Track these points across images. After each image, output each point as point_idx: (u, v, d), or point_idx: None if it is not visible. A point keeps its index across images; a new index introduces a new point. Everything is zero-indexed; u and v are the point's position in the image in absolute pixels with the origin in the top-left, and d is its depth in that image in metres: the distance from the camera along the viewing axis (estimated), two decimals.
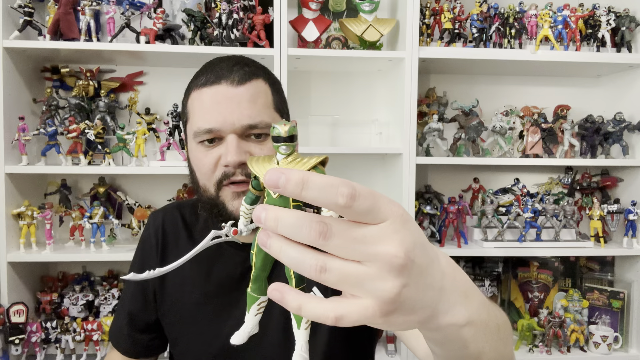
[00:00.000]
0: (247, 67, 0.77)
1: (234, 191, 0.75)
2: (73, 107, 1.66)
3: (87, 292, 1.64)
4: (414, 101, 1.63)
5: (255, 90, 0.76)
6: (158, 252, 0.89)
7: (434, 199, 1.78)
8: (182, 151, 1.65)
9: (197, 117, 0.76)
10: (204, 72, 0.77)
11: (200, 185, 0.79)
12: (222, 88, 0.74)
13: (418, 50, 1.62)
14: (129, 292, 0.93)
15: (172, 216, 0.92)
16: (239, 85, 0.74)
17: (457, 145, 1.77)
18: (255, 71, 0.78)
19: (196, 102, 0.77)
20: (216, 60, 0.80)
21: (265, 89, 0.78)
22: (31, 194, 1.65)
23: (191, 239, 0.89)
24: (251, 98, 0.75)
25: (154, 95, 1.81)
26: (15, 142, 1.53)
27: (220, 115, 0.73)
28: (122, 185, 1.82)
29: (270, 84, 0.80)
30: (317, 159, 0.38)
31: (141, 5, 1.66)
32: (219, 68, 0.76)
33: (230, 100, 0.74)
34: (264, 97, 0.77)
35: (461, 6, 1.75)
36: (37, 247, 1.57)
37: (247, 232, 0.44)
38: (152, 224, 0.92)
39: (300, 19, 1.73)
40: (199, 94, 0.76)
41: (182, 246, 0.88)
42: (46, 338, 1.52)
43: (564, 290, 1.85)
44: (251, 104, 0.74)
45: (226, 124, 0.73)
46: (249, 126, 0.74)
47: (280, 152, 0.38)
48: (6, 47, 1.49)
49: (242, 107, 0.74)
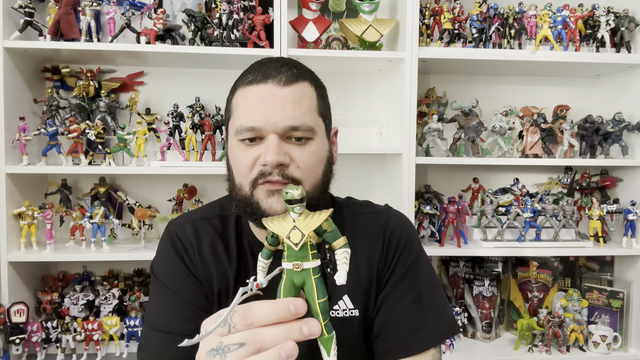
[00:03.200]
0: (294, 69, 0.77)
1: (268, 189, 0.73)
2: (73, 107, 1.66)
3: (87, 292, 1.64)
4: (413, 101, 1.63)
5: (301, 92, 0.75)
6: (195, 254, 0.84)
7: (433, 199, 1.78)
8: (182, 151, 1.65)
9: (241, 114, 0.75)
10: (252, 71, 0.77)
11: (236, 183, 0.77)
12: (268, 87, 0.74)
13: (418, 50, 1.63)
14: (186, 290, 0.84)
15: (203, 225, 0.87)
16: (286, 86, 0.74)
17: (456, 145, 1.78)
18: (303, 74, 0.78)
19: (241, 99, 0.76)
20: (265, 59, 0.80)
21: (311, 92, 0.78)
22: (32, 194, 1.65)
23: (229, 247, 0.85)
24: (296, 100, 0.74)
25: (154, 95, 1.82)
26: (16, 142, 1.54)
27: (264, 114, 0.72)
28: (122, 185, 1.83)
29: (316, 88, 0.80)
30: (326, 213, 0.47)
31: (141, 5, 1.67)
32: (267, 67, 0.76)
33: (276, 100, 0.73)
34: (308, 100, 0.76)
35: (461, 6, 1.75)
36: (38, 247, 1.57)
37: (266, 283, 0.48)
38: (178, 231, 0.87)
39: (300, 20, 1.73)
40: (245, 91, 0.76)
41: (223, 253, 0.84)
42: (47, 338, 1.52)
43: (564, 290, 1.85)
44: (295, 106, 0.74)
45: (269, 123, 0.72)
46: (291, 127, 0.73)
47: (294, 212, 0.47)
48: (7, 47, 1.49)
49: (287, 108, 0.73)
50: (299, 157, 0.73)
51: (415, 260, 0.85)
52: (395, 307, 0.81)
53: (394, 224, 0.87)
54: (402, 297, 0.82)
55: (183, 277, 0.83)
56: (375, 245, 0.85)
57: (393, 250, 0.84)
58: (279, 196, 0.71)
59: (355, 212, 0.90)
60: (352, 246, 0.83)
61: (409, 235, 0.87)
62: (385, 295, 0.83)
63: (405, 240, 0.86)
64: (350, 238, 0.81)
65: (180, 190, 1.79)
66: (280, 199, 0.71)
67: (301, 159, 0.73)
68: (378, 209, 0.92)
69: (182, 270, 0.83)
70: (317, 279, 0.47)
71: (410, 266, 0.84)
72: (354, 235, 0.84)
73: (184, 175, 1.81)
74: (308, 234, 0.46)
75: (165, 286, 0.83)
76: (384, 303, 0.83)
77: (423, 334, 0.79)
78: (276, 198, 0.72)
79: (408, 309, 0.81)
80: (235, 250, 0.84)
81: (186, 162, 1.65)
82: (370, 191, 1.91)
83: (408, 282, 0.83)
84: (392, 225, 0.86)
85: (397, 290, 0.82)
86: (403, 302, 0.82)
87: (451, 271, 1.91)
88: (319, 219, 0.46)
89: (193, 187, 1.81)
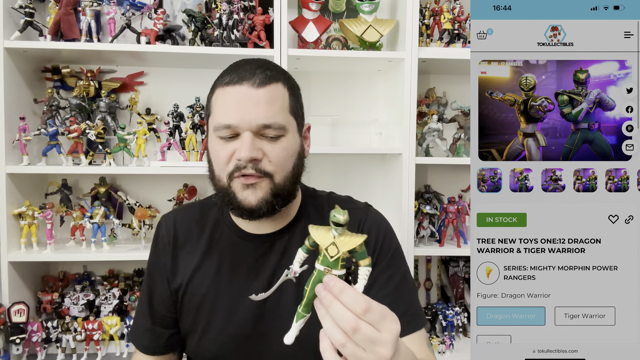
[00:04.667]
0: (268, 71, 0.82)
1: (243, 183, 0.80)
2: (74, 107, 1.66)
3: (87, 292, 1.64)
4: (413, 101, 1.63)
5: (273, 93, 0.81)
6: (170, 250, 0.94)
7: (433, 198, 1.78)
8: (183, 151, 1.66)
9: (219, 113, 0.82)
10: (229, 72, 0.83)
11: (215, 174, 0.85)
12: (243, 89, 0.80)
13: (418, 50, 1.63)
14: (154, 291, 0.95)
15: (183, 216, 0.97)
16: (259, 88, 0.80)
17: (456, 145, 1.78)
18: (276, 75, 0.83)
19: (219, 99, 0.83)
20: (241, 62, 0.86)
21: (284, 92, 0.83)
22: (32, 194, 1.66)
23: (202, 235, 0.94)
24: (269, 100, 0.80)
25: (154, 95, 1.82)
26: (16, 142, 1.54)
27: (239, 113, 0.79)
28: (122, 185, 1.83)
29: (289, 88, 0.85)
30: (362, 238, 0.55)
31: (142, 5, 1.67)
32: (242, 70, 0.82)
33: (250, 101, 0.79)
34: (281, 100, 0.82)
35: (461, 7, 1.76)
36: (38, 247, 1.57)
37: (300, 272, 0.60)
38: (164, 224, 0.97)
39: (300, 20, 1.73)
40: (223, 91, 0.82)
41: (195, 243, 0.93)
42: (47, 337, 1.53)
43: None
44: (268, 106, 0.80)
45: (243, 122, 0.79)
46: (264, 125, 0.79)
47: (336, 231, 0.55)
48: (7, 47, 1.49)
49: (260, 108, 0.79)
50: (271, 153, 0.80)
51: (395, 252, 0.91)
52: (379, 294, 0.84)
53: (371, 220, 0.93)
54: (385, 284, 0.86)
55: (155, 274, 0.95)
56: None
57: (372, 244, 0.89)
58: (253, 189, 0.80)
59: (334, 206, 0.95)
60: None
61: (387, 230, 0.93)
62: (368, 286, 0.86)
63: (384, 234, 0.91)
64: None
65: (181, 190, 1.79)
66: (255, 192, 0.80)
67: (273, 154, 0.80)
68: (357, 206, 0.97)
69: (156, 266, 0.95)
70: None
71: (391, 257, 0.89)
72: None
73: (184, 175, 1.81)
74: (342, 252, 0.55)
75: (145, 281, 0.97)
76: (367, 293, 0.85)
77: (408, 317, 0.83)
78: (250, 191, 0.80)
79: (392, 294, 0.85)
80: (207, 235, 0.93)
81: (186, 162, 1.65)
82: (370, 191, 1.91)
83: (390, 271, 0.88)
84: (370, 222, 0.92)
85: (380, 279, 0.87)
86: (387, 289, 0.86)
87: (451, 271, 1.91)
88: (355, 242, 0.55)
89: (193, 187, 1.82)
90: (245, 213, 0.82)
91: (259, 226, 0.89)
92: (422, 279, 1.96)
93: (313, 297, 0.56)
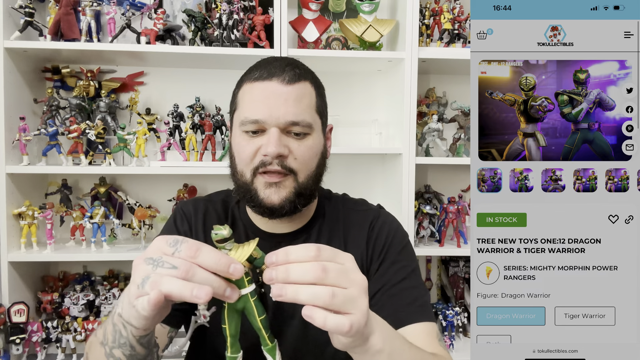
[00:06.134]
0: (297, 69, 0.83)
1: (267, 181, 0.80)
2: (74, 107, 1.66)
3: (87, 292, 1.64)
4: (413, 101, 1.63)
5: (302, 91, 0.81)
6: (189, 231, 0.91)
7: (433, 199, 1.78)
8: (183, 151, 1.66)
9: (246, 108, 0.82)
10: (258, 68, 0.83)
11: (238, 170, 0.84)
12: (272, 85, 0.80)
13: (418, 50, 1.63)
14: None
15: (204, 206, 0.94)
16: (288, 85, 0.80)
17: (456, 145, 1.78)
18: (304, 74, 0.84)
19: (247, 94, 0.83)
20: (271, 58, 0.86)
21: (311, 91, 0.84)
22: (32, 194, 1.66)
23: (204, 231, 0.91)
24: (297, 97, 0.80)
25: (154, 95, 1.82)
26: (16, 142, 1.54)
27: (268, 108, 0.79)
28: (122, 185, 1.83)
29: (316, 88, 0.86)
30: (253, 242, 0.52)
31: (142, 5, 1.67)
32: (272, 66, 0.82)
33: (279, 97, 0.79)
34: (308, 98, 0.83)
35: (461, 7, 1.76)
36: (38, 247, 1.57)
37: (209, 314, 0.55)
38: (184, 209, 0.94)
39: (300, 20, 1.73)
40: (251, 87, 0.82)
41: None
42: (47, 338, 1.53)
43: None
44: (296, 103, 0.80)
45: (271, 118, 0.78)
46: (291, 122, 0.79)
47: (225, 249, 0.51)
48: (7, 47, 1.49)
49: (288, 105, 0.79)
50: (297, 150, 0.80)
51: (404, 248, 0.91)
52: (387, 284, 0.85)
53: (382, 220, 0.93)
54: (395, 275, 0.86)
55: None
56: (362, 240, 0.90)
57: (383, 241, 0.89)
58: (277, 188, 0.79)
59: (349, 208, 0.96)
60: (344, 239, 0.91)
61: (397, 229, 0.93)
62: (377, 277, 0.87)
63: (394, 232, 0.92)
64: (344, 231, 0.92)
65: (181, 190, 1.79)
66: (278, 191, 0.79)
67: (299, 152, 0.80)
68: (370, 207, 0.97)
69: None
70: (255, 301, 0.53)
71: (400, 252, 0.89)
72: (347, 229, 0.91)
73: (184, 175, 1.81)
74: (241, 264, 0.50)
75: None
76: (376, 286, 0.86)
77: (416, 307, 0.83)
78: (274, 189, 0.79)
79: (400, 285, 0.85)
80: None
81: (186, 162, 1.65)
82: (370, 191, 1.91)
83: (399, 265, 0.88)
84: (381, 222, 0.92)
85: (389, 272, 0.87)
86: (395, 280, 0.86)
87: (451, 271, 1.91)
88: (248, 250, 0.51)
89: (193, 187, 1.82)
90: (266, 211, 0.81)
91: (276, 225, 0.88)
92: (422, 279, 1.96)
93: (236, 331, 0.54)
